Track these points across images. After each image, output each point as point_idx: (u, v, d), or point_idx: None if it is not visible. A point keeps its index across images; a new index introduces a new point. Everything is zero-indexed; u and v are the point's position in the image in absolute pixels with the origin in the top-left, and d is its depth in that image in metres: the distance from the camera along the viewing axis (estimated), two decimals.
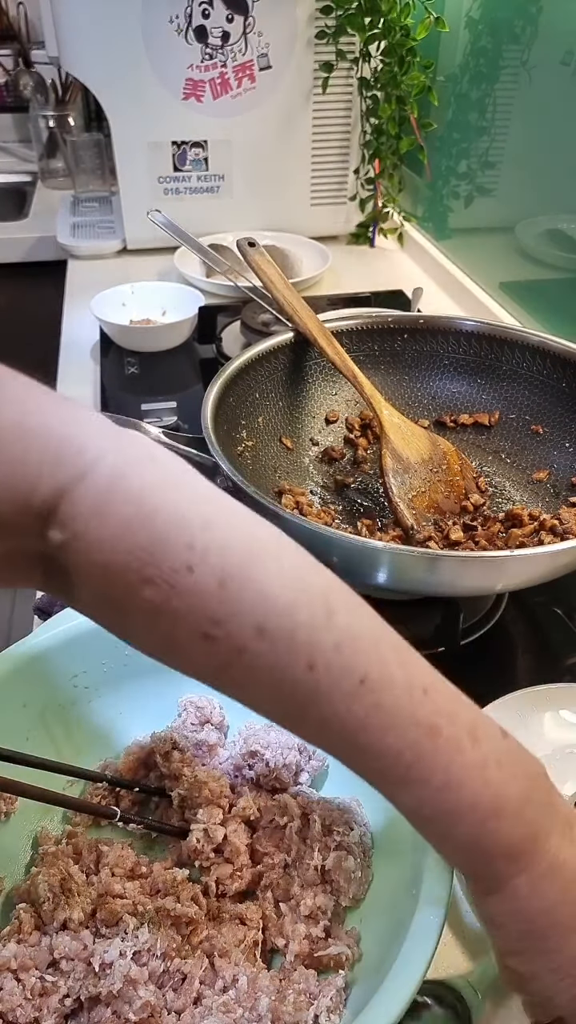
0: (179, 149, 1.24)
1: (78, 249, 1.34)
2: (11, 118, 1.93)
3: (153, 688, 0.51)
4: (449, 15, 1.14)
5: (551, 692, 0.57)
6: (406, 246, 1.40)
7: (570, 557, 0.53)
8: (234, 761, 0.49)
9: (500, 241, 1.12)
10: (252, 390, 0.73)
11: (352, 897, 0.43)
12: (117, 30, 1.11)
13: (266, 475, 0.72)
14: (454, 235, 1.27)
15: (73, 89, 1.68)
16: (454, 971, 0.44)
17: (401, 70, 1.16)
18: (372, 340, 0.79)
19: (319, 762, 0.49)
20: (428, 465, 0.70)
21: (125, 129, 1.21)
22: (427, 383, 0.81)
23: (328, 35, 1.17)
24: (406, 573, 0.55)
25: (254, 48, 1.17)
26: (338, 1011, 0.38)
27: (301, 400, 0.78)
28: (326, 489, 0.75)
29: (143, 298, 1.11)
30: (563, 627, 0.66)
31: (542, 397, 0.75)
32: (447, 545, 0.65)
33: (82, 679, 0.50)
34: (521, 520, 0.67)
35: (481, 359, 0.78)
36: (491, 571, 0.53)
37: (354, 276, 1.29)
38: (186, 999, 0.39)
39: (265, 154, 1.27)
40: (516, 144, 1.04)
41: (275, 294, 0.77)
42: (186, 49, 1.15)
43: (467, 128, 1.15)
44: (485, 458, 0.78)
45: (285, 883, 0.43)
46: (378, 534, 0.67)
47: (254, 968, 0.40)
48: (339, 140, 1.29)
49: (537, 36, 0.96)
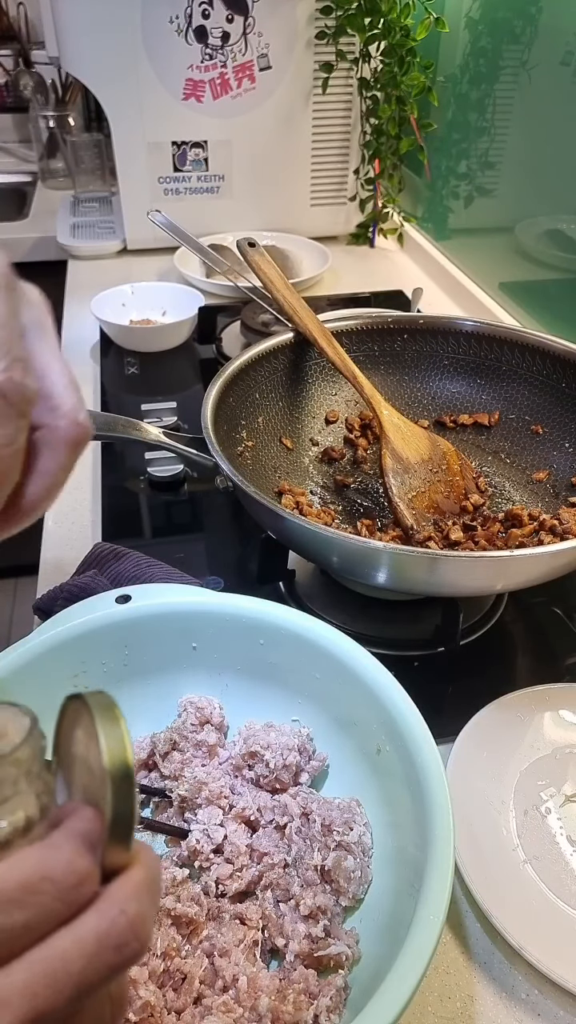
0: (179, 149, 1.24)
1: (78, 249, 1.34)
2: (11, 118, 1.93)
3: (153, 688, 0.51)
4: (449, 15, 1.14)
5: (551, 692, 0.57)
6: (406, 246, 1.40)
7: (570, 557, 0.53)
8: (234, 761, 0.49)
9: (500, 241, 1.12)
10: (252, 390, 0.73)
11: (352, 897, 0.43)
12: (117, 30, 1.12)
13: (266, 475, 0.72)
14: (454, 235, 1.27)
15: (73, 89, 1.69)
16: (453, 968, 0.44)
17: (401, 70, 1.16)
18: (372, 340, 0.79)
19: (319, 762, 0.49)
20: (428, 465, 0.70)
21: (125, 129, 1.21)
22: (427, 383, 0.81)
23: (328, 35, 1.17)
24: (406, 573, 0.55)
25: (254, 48, 1.17)
26: (338, 1011, 0.38)
27: (301, 400, 0.78)
28: (326, 489, 0.75)
29: (143, 298, 1.11)
30: (563, 627, 0.66)
31: (542, 397, 0.75)
32: (447, 545, 0.65)
33: (82, 679, 0.50)
34: (521, 520, 0.67)
35: (481, 359, 0.78)
36: (491, 571, 0.53)
37: (354, 276, 1.29)
38: (186, 999, 0.39)
39: (265, 154, 1.27)
40: (516, 144, 1.04)
41: (275, 294, 0.77)
42: (186, 49, 1.15)
43: (467, 128, 1.15)
44: (485, 458, 0.78)
45: (285, 883, 0.43)
46: (378, 534, 0.67)
47: (254, 968, 0.40)
48: (339, 140, 1.29)
49: (537, 36, 0.96)
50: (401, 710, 0.44)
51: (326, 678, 0.48)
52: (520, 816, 0.50)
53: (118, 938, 0.21)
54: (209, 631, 0.51)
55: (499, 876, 0.46)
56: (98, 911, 0.21)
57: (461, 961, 0.45)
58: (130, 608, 0.50)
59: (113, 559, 0.63)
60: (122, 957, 0.21)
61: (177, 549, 0.73)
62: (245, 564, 0.73)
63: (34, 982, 0.19)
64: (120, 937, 0.21)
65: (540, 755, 0.54)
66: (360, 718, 0.47)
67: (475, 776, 0.51)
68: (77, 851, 0.21)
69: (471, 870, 0.46)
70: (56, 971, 0.20)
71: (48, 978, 0.20)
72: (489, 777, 0.52)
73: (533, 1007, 0.43)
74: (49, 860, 0.21)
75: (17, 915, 0.20)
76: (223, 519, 0.79)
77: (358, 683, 0.46)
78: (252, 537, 0.74)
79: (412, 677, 0.47)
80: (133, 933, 0.21)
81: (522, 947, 0.43)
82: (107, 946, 0.20)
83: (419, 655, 0.62)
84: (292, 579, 0.68)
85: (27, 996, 0.19)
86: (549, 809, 0.50)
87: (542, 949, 0.43)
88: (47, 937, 0.20)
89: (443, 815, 0.39)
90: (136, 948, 0.21)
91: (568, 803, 0.51)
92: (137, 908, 0.21)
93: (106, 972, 0.21)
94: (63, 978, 0.20)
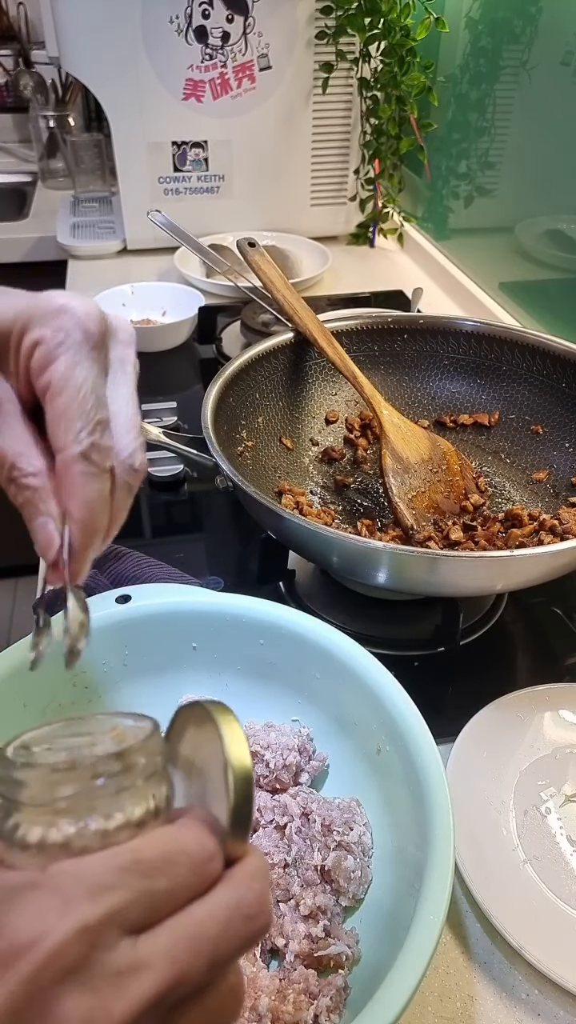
0: (179, 149, 1.24)
1: (78, 249, 1.34)
2: (11, 118, 1.93)
3: (153, 688, 0.51)
4: (449, 15, 1.14)
5: (551, 692, 0.57)
6: (406, 246, 1.40)
7: (570, 557, 0.53)
8: None
9: (500, 241, 1.12)
10: (252, 390, 0.73)
11: (352, 897, 0.43)
12: (117, 30, 1.12)
13: (266, 475, 0.72)
14: (454, 235, 1.27)
15: (73, 89, 1.69)
16: (453, 968, 0.44)
17: (401, 70, 1.16)
18: (372, 340, 0.79)
19: (319, 762, 0.49)
20: (428, 465, 0.70)
21: (125, 129, 1.21)
22: (427, 383, 0.81)
23: (328, 35, 1.17)
24: (406, 573, 0.55)
25: (254, 48, 1.17)
26: (338, 1011, 0.38)
27: (301, 400, 0.78)
28: (326, 489, 0.75)
29: (143, 298, 1.11)
30: (563, 627, 0.66)
31: (542, 397, 0.75)
32: (447, 545, 0.65)
33: (82, 679, 0.50)
34: (521, 520, 0.67)
35: (481, 359, 0.78)
36: (491, 571, 0.53)
37: (354, 276, 1.29)
38: None
39: (265, 154, 1.27)
40: (516, 144, 1.04)
41: (275, 294, 0.77)
42: (186, 49, 1.15)
43: (467, 128, 1.15)
44: (485, 458, 0.78)
45: (285, 883, 0.43)
46: (378, 534, 0.67)
47: (254, 968, 0.40)
48: (339, 140, 1.29)
49: (537, 36, 0.96)
50: (401, 710, 0.44)
51: (326, 678, 0.48)
52: (520, 816, 0.50)
53: (248, 908, 0.22)
54: (209, 631, 0.51)
55: (499, 876, 0.46)
56: (230, 884, 0.23)
57: (461, 961, 0.45)
58: (130, 608, 0.50)
59: (113, 559, 0.63)
60: (251, 928, 0.22)
61: (177, 549, 0.73)
62: (245, 564, 0.73)
63: (175, 946, 0.21)
64: (250, 908, 0.22)
65: (540, 755, 0.54)
66: (360, 718, 0.47)
67: (475, 776, 0.51)
68: (205, 832, 0.23)
69: (471, 870, 0.46)
70: (194, 936, 0.21)
71: (188, 942, 0.21)
72: (489, 777, 0.52)
73: (533, 1007, 0.43)
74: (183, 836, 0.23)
75: (161, 882, 0.22)
76: (223, 519, 0.79)
77: (358, 683, 0.46)
78: (252, 537, 0.74)
79: (412, 677, 0.47)
80: (260, 906, 0.23)
81: (522, 947, 0.43)
82: (239, 915, 0.22)
83: (419, 655, 0.62)
84: (292, 579, 0.68)
85: (169, 959, 0.21)
86: (549, 809, 0.50)
87: (542, 949, 0.43)
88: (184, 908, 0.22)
89: (443, 815, 0.39)
90: (263, 922, 0.23)
91: (568, 803, 0.51)
92: (262, 887, 0.23)
93: (237, 943, 0.22)
94: (201, 944, 0.21)
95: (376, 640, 0.60)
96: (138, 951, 0.21)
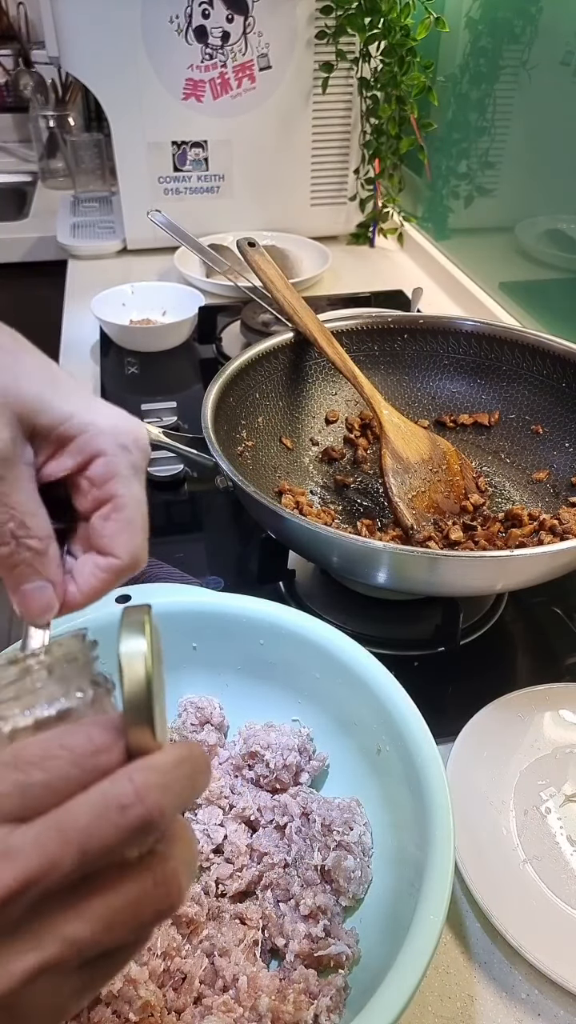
0: (179, 149, 1.24)
1: (78, 249, 1.34)
2: (11, 118, 1.93)
3: None
4: (449, 15, 1.14)
5: (551, 692, 0.57)
6: (406, 246, 1.40)
7: (570, 557, 0.53)
8: (234, 761, 0.49)
9: (500, 241, 1.12)
10: (252, 390, 0.73)
11: (352, 897, 0.43)
12: (117, 30, 1.12)
13: (266, 475, 0.72)
14: (454, 235, 1.27)
15: (73, 89, 1.69)
16: (453, 968, 0.44)
17: (401, 70, 1.16)
18: (372, 340, 0.79)
19: (319, 762, 0.49)
20: (428, 465, 0.70)
21: (125, 129, 1.21)
22: (427, 383, 0.81)
23: (328, 35, 1.17)
24: (406, 573, 0.55)
25: (254, 48, 1.17)
26: (338, 1011, 0.38)
27: (301, 400, 0.78)
28: (326, 489, 0.75)
29: (143, 298, 1.11)
30: (563, 627, 0.66)
31: (542, 397, 0.75)
32: (447, 545, 0.65)
33: None
34: (521, 520, 0.67)
35: (481, 359, 0.78)
36: (491, 571, 0.53)
37: (354, 276, 1.29)
38: (186, 999, 0.39)
39: (265, 154, 1.27)
40: (516, 144, 1.04)
41: (275, 294, 0.77)
42: (186, 49, 1.15)
43: (467, 128, 1.15)
44: (485, 458, 0.78)
45: (285, 883, 0.43)
46: (378, 534, 0.67)
47: (254, 968, 0.40)
48: (339, 140, 1.29)
49: (537, 36, 0.96)
50: (401, 710, 0.44)
51: (326, 678, 0.48)
52: (520, 816, 0.50)
53: (120, 798, 0.22)
54: (209, 631, 0.51)
55: (499, 876, 0.46)
56: (110, 778, 0.23)
57: (461, 961, 0.45)
58: None
59: None
60: (126, 819, 0.22)
61: (177, 549, 0.73)
62: (245, 564, 0.73)
63: (43, 834, 0.21)
64: (123, 798, 0.22)
65: (540, 755, 0.54)
66: (360, 718, 0.47)
67: (475, 776, 0.51)
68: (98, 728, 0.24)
69: (471, 870, 0.46)
70: (64, 825, 0.22)
71: (57, 832, 0.22)
72: (489, 777, 0.52)
73: (533, 1007, 0.43)
74: (69, 733, 0.24)
75: (36, 775, 0.22)
76: (223, 519, 0.79)
77: (358, 683, 0.46)
78: (252, 537, 0.74)
79: (412, 677, 0.47)
80: (137, 797, 0.22)
81: (522, 947, 0.43)
82: (110, 805, 0.22)
83: (419, 655, 0.62)
84: (292, 579, 0.68)
85: (37, 847, 0.21)
86: (549, 809, 0.50)
87: (542, 949, 0.43)
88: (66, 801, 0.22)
89: (443, 815, 0.39)
90: (140, 812, 0.22)
91: (568, 803, 0.51)
92: (145, 778, 0.23)
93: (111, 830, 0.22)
94: (69, 832, 0.22)
95: (376, 640, 0.60)
96: (9, 840, 0.21)
